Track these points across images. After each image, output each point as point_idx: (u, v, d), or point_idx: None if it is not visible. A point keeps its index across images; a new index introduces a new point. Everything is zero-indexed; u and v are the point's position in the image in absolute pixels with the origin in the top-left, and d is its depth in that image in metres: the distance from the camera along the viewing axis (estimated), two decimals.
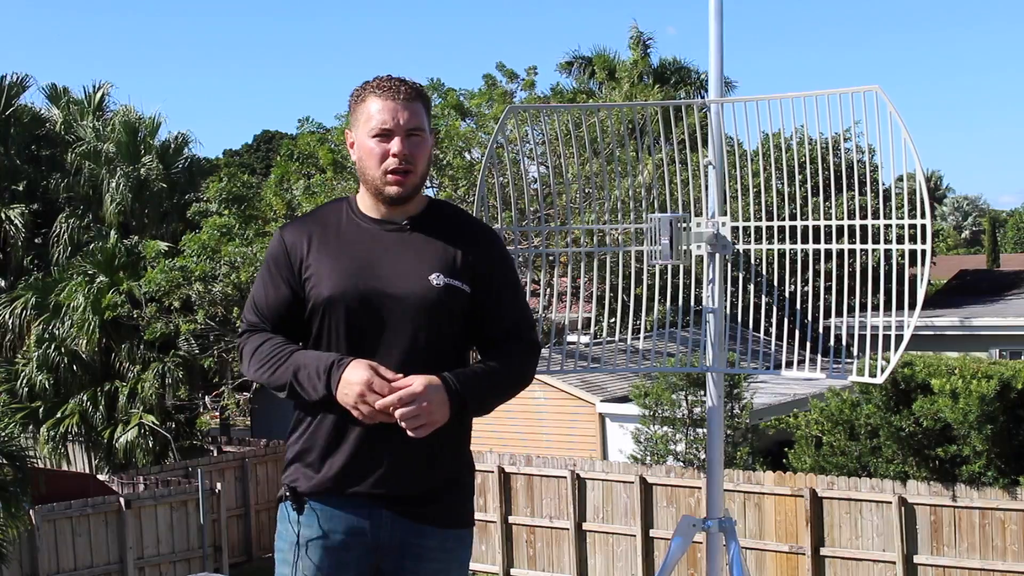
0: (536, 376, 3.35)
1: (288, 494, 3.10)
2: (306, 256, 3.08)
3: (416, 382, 2.93)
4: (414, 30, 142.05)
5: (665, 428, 15.96)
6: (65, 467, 21.96)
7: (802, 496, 14.30)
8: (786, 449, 15.53)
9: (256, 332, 3.11)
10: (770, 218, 4.40)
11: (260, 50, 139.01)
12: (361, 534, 3.09)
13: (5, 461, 13.71)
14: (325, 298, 3.03)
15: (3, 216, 25.47)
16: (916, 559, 13.76)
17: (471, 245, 3.11)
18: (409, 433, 2.93)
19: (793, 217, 4.45)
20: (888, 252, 4.20)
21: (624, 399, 17.43)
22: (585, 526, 16.11)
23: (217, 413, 26.38)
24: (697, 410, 15.76)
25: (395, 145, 3.03)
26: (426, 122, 3.09)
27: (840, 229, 4.32)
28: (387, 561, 3.12)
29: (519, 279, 3.36)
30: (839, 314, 4.61)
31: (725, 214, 4.36)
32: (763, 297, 5.21)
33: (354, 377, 2.91)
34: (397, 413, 2.91)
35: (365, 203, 3.14)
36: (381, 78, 3.10)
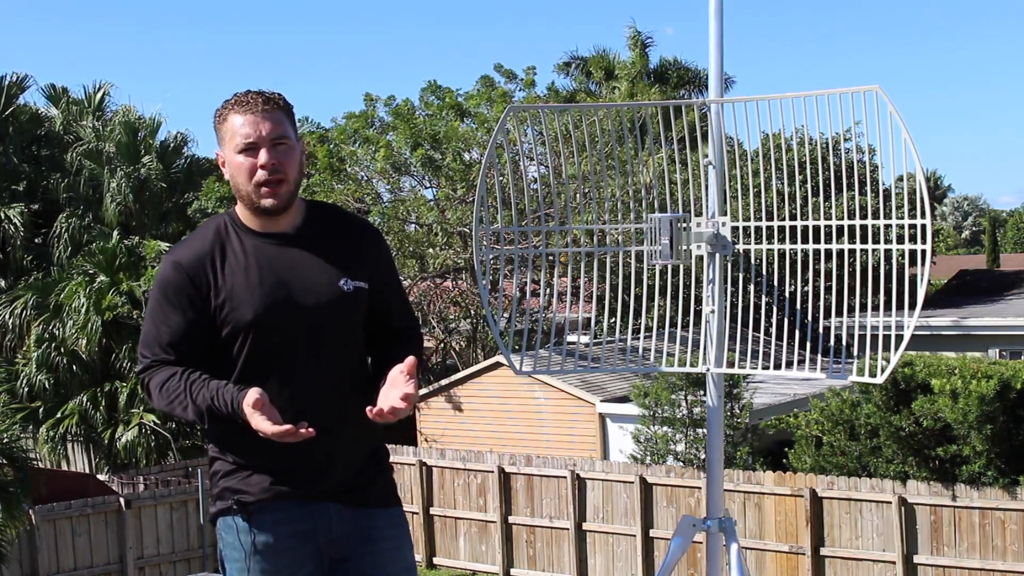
0: (536, 376, 3.44)
1: (235, 507, 3.12)
2: (213, 281, 3.06)
3: (407, 383, 2.98)
4: (412, 31, 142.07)
5: (665, 428, 15.96)
6: (65, 467, 21.96)
7: (802, 496, 14.30)
8: (786, 449, 15.53)
9: (162, 365, 3.08)
10: (770, 218, 4.39)
11: (259, 51, 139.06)
12: (312, 532, 3.16)
13: (5, 462, 13.71)
14: (249, 320, 3.05)
15: (3, 216, 25.46)
16: (916, 559, 13.76)
17: (361, 244, 3.23)
18: (383, 418, 2.98)
19: (793, 217, 4.44)
20: (888, 252, 4.20)
21: (624, 399, 17.43)
22: (585, 526, 16.11)
23: None
24: (697, 410, 15.76)
25: (262, 156, 3.04)
26: (290, 130, 3.12)
27: (840, 229, 4.32)
28: (343, 551, 3.20)
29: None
30: (839, 314, 4.61)
31: (725, 214, 4.36)
32: (763, 297, 5.21)
33: (264, 429, 2.91)
34: (403, 395, 2.95)
35: (248, 219, 3.15)
36: (239, 94, 3.12)
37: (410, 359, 3.01)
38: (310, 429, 2.91)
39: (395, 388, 3.00)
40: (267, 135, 3.05)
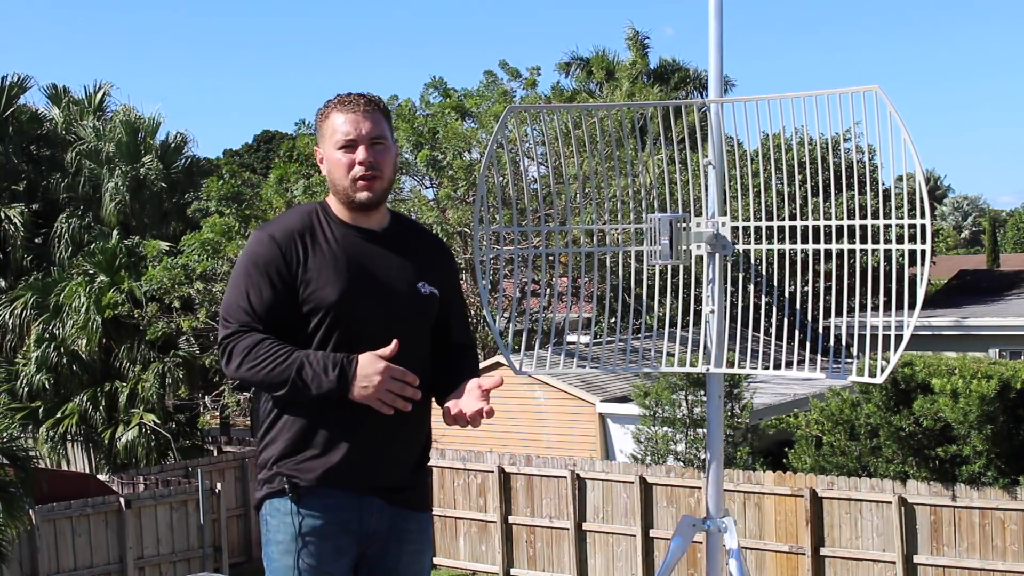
0: (536, 376, 3.50)
1: (288, 488, 3.20)
2: (303, 260, 3.18)
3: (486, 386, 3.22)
4: (413, 30, 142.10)
5: (665, 428, 15.96)
6: (65, 467, 21.96)
7: (802, 496, 14.30)
8: (786, 449, 15.53)
9: (250, 331, 3.14)
10: (770, 218, 4.40)
11: (260, 50, 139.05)
12: (356, 522, 3.24)
13: (7, 461, 13.71)
14: (333, 301, 3.16)
15: (3, 216, 25.46)
16: (916, 559, 13.76)
17: (436, 256, 3.41)
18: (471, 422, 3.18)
19: (793, 217, 4.45)
20: (888, 252, 4.20)
21: (624, 399, 17.43)
22: (585, 526, 16.11)
23: (217, 413, 26.38)
24: (697, 410, 15.76)
25: (360, 153, 3.22)
26: (388, 132, 3.29)
27: (840, 229, 4.32)
28: (373, 546, 3.29)
29: None
30: (839, 314, 4.61)
31: (725, 214, 4.36)
32: (763, 297, 5.21)
33: (371, 369, 3.05)
34: (487, 409, 3.15)
35: (339, 211, 3.29)
36: (342, 95, 3.29)
37: (495, 378, 3.20)
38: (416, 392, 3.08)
39: (473, 399, 3.18)
40: (367, 134, 3.22)
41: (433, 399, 3.36)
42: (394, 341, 3.06)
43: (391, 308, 3.20)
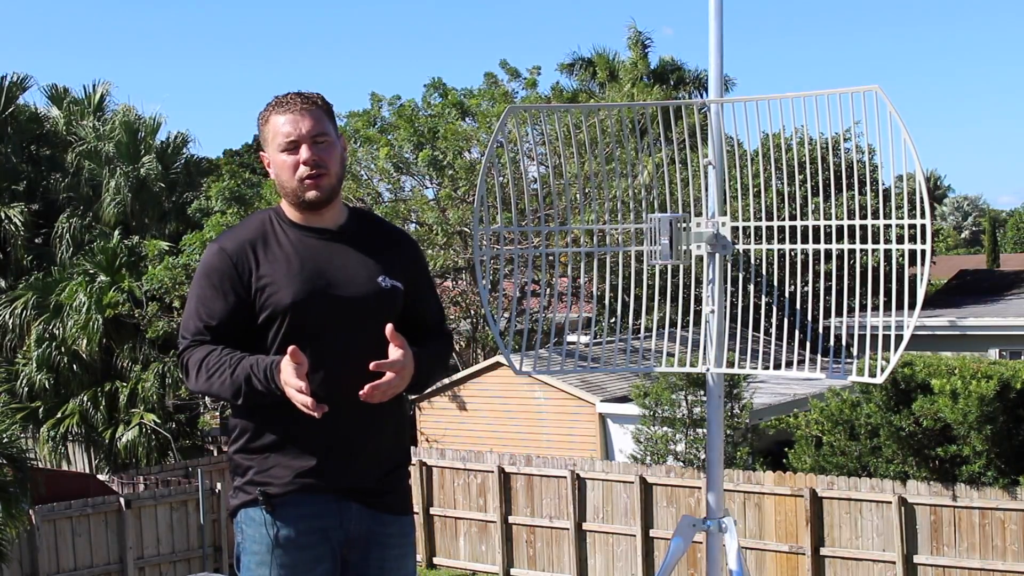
0: (536, 376, 3.48)
1: (261, 498, 3.17)
2: (255, 267, 3.16)
3: (399, 353, 3.07)
4: (414, 29, 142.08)
5: (665, 428, 15.96)
6: (65, 467, 21.97)
7: (802, 496, 14.30)
8: (786, 449, 15.53)
9: (201, 344, 3.15)
10: (770, 218, 4.40)
11: (260, 50, 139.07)
12: (333, 528, 3.21)
13: (5, 462, 13.71)
14: (288, 304, 3.13)
15: (3, 216, 25.46)
16: (916, 559, 13.76)
17: (398, 249, 3.37)
18: (371, 399, 3.03)
19: (793, 217, 4.45)
20: (888, 252, 4.20)
21: (624, 399, 17.43)
22: (585, 526, 16.11)
23: (217, 413, 26.38)
24: (697, 410, 15.76)
25: (303, 153, 3.18)
26: (330, 128, 3.25)
27: (840, 229, 4.32)
28: (354, 552, 3.26)
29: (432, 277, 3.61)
30: (839, 314, 4.61)
31: (725, 214, 4.36)
32: (763, 297, 5.21)
33: (289, 380, 2.98)
34: (369, 387, 3.00)
35: (292, 213, 3.26)
36: (280, 96, 3.26)
37: (388, 325, 3.06)
38: (325, 408, 2.96)
39: (393, 349, 3.07)
40: (307, 132, 3.18)
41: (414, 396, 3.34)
42: (290, 348, 2.96)
43: (350, 306, 3.17)
